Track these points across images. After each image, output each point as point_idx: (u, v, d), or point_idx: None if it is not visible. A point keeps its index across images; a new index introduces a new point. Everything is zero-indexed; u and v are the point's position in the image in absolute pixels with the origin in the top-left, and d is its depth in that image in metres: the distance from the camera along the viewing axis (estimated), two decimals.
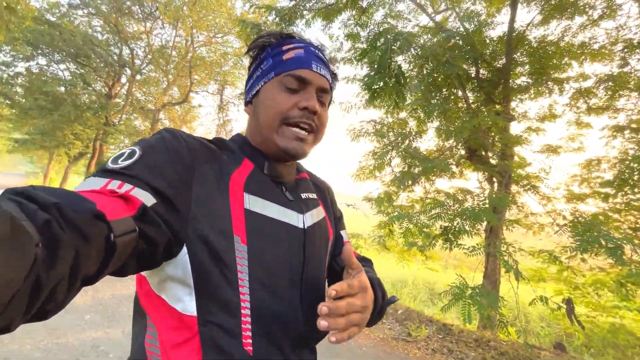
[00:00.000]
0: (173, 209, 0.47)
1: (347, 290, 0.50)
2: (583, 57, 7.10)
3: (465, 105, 6.30)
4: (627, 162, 4.75)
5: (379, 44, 3.36)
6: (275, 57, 0.62)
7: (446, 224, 3.31)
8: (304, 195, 0.68)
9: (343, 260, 0.56)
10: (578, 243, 2.47)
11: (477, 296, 2.67)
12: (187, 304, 0.50)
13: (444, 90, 6.70)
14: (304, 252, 0.61)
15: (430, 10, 7.63)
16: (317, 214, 0.69)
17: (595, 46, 7.00)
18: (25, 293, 0.27)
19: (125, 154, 0.48)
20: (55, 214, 0.31)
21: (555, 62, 6.95)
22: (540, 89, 6.99)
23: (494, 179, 6.02)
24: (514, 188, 6.91)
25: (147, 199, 0.44)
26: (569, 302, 2.89)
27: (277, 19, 6.48)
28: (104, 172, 0.45)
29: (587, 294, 5.59)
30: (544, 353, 3.18)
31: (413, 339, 3.10)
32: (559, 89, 6.98)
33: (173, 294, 0.50)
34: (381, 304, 0.63)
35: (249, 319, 0.51)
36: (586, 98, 7.09)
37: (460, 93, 6.37)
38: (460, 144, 6.28)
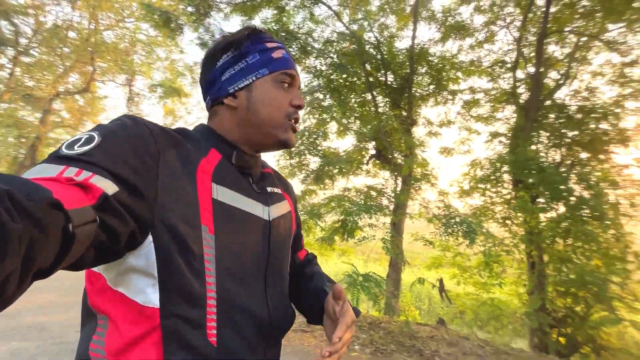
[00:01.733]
0: (138, 196, 0.44)
1: (339, 348, 0.54)
2: (472, 73, 8.29)
3: (374, 109, 6.82)
4: (494, 162, 5.68)
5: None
6: (263, 54, 0.63)
7: (341, 218, 3.55)
8: (269, 189, 0.69)
9: (334, 294, 0.61)
10: (444, 228, 2.90)
11: (365, 282, 2.92)
12: (149, 295, 0.47)
13: (356, 94, 7.16)
14: (268, 244, 0.62)
15: (346, 19, 8.05)
16: (282, 207, 0.70)
17: (480, 63, 8.27)
18: None
19: (82, 140, 0.44)
20: (6, 202, 0.28)
21: (450, 75, 8.01)
22: (437, 98, 7.99)
23: (398, 177, 6.66)
24: (416, 185, 7.73)
25: (109, 187, 0.40)
26: (440, 282, 3.35)
27: (190, 7, 6.17)
28: (58, 158, 0.41)
29: (473, 275, 6.55)
30: (424, 328, 3.64)
31: (310, 329, 3.24)
32: (452, 99, 8.07)
33: (134, 285, 0.48)
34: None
35: (214, 310, 0.50)
36: (470, 108, 8.31)
37: (370, 97, 6.90)
38: (369, 144, 6.81)
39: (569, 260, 4.42)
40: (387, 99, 7.45)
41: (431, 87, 7.84)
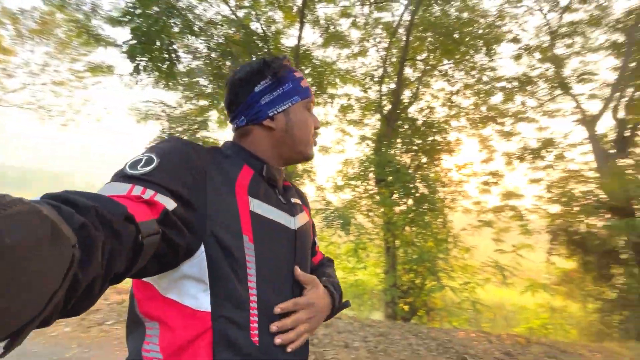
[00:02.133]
0: (192, 210, 0.51)
1: (291, 307, 0.61)
2: (347, 81, 9.22)
3: None
4: (362, 162, 6.53)
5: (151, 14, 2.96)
6: (295, 82, 0.71)
7: None
8: (292, 200, 0.74)
9: (297, 277, 0.66)
10: (325, 222, 3.18)
11: None
12: (201, 300, 0.52)
13: None
14: (294, 251, 0.67)
15: (233, 3, 7.63)
16: (303, 218, 0.75)
17: (355, 73, 9.32)
18: (63, 291, 0.28)
19: (143, 161, 0.51)
20: (93, 216, 0.33)
21: (330, 80, 8.72)
22: (318, 100, 8.59)
23: None
24: (299, 181, 8.11)
25: (169, 203, 0.46)
26: None
27: None
28: (125, 177, 0.48)
29: (342, 261, 7.36)
30: None
31: None
32: (331, 102, 8.84)
33: (186, 292, 0.53)
34: (336, 307, 0.74)
35: (256, 312, 0.55)
36: (344, 112, 9.32)
37: None
38: None
39: (413, 244, 5.53)
40: None
41: (313, 88, 8.40)
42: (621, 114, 7.78)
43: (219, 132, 7.43)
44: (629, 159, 7.54)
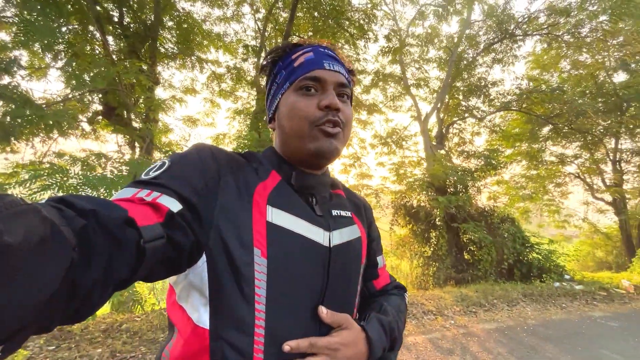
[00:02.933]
0: (197, 215, 0.47)
1: (306, 348, 0.50)
2: (218, 46, 8.26)
3: (103, 51, 5.18)
4: (238, 138, 6.07)
5: None
6: (288, 67, 0.61)
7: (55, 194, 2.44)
8: (335, 212, 0.63)
9: (322, 319, 0.53)
10: None
11: None
12: (202, 315, 0.48)
13: (75, 23, 5.13)
14: (327, 273, 0.56)
15: None
16: (349, 233, 0.63)
17: (227, 40, 8.44)
18: (62, 294, 0.28)
19: (156, 166, 0.49)
20: (92, 219, 0.32)
21: (198, 40, 7.59)
22: (184, 61, 7.37)
23: (136, 144, 5.58)
24: (156, 154, 6.83)
25: (173, 205, 0.44)
26: None
27: None
28: (136, 183, 0.46)
29: None
30: None
31: None
32: (200, 67, 7.75)
33: (192, 303, 0.49)
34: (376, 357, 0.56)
35: (262, 339, 0.47)
36: (219, 82, 8.42)
37: (98, 35, 5.15)
38: (95, 96, 5.14)
39: None
40: (122, 44, 5.90)
41: (178, 46, 7.12)
42: (441, 115, 10.14)
43: (31, 81, 5.31)
44: (444, 150, 9.97)
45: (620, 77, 14.20)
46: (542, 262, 7.42)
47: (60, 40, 4.46)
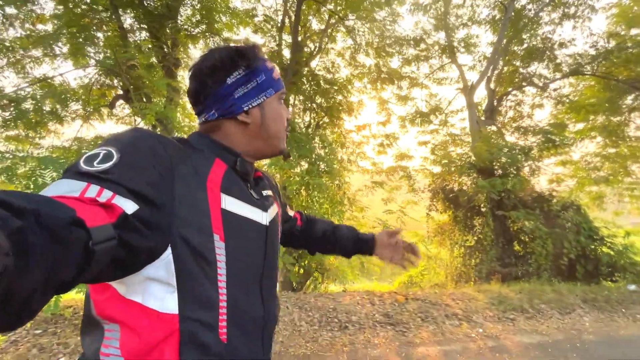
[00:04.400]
0: (157, 210, 0.47)
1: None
2: (245, 23, 7.96)
3: (119, 30, 5.17)
4: None
5: None
6: (268, 74, 0.67)
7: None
8: (264, 192, 0.72)
9: (391, 232, 1.04)
10: None
11: None
12: (168, 302, 0.50)
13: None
14: (265, 248, 0.66)
15: None
16: (274, 209, 0.73)
17: (257, 19, 8.09)
18: None
19: (101, 156, 0.46)
20: (31, 221, 0.30)
21: (223, 20, 7.36)
22: (208, 42, 7.22)
23: (157, 126, 5.61)
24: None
25: (128, 206, 0.43)
26: None
27: None
28: (79, 174, 0.43)
29: None
30: None
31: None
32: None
33: (152, 294, 0.49)
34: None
35: (225, 312, 0.54)
36: None
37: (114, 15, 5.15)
38: (116, 79, 5.22)
39: (308, 207, 5.27)
40: (142, 25, 5.88)
41: (201, 26, 6.97)
42: (492, 85, 8.80)
43: (64, 66, 5.57)
44: (494, 126, 8.71)
45: None
46: (615, 258, 6.16)
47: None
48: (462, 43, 9.24)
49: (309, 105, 6.69)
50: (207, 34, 7.07)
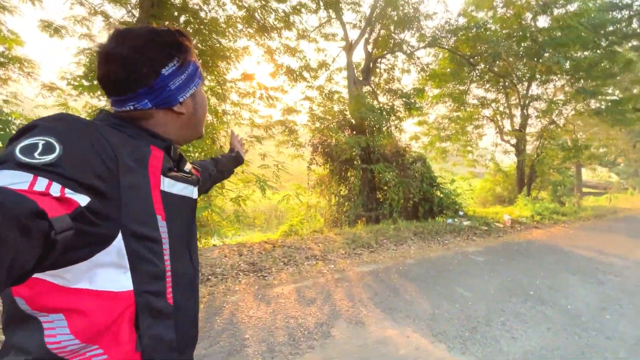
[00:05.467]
0: (107, 202, 0.49)
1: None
2: None
3: None
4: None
5: None
6: (194, 64, 0.70)
7: None
8: (187, 169, 0.76)
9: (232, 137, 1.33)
10: None
11: None
12: (122, 282, 0.54)
13: None
14: (193, 218, 0.75)
15: None
16: (195, 181, 0.78)
17: None
18: None
19: (41, 147, 0.45)
20: None
21: None
22: None
23: None
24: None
25: (81, 199, 0.44)
26: None
27: None
28: (21, 166, 0.42)
29: None
30: None
31: None
32: None
33: (104, 278, 0.53)
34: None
35: (170, 280, 0.62)
36: None
37: None
38: None
39: None
40: None
41: None
42: (370, 47, 9.42)
43: None
44: (370, 87, 9.52)
45: (542, 22, 14.44)
46: (444, 200, 7.98)
47: None
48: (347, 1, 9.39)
49: None
50: None
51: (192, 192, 0.74)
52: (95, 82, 5.69)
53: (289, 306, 2.86)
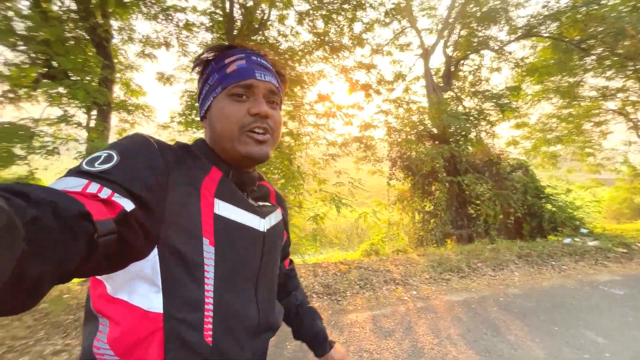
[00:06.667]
0: (150, 213, 0.49)
1: None
2: None
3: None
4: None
5: None
6: (220, 72, 0.65)
7: None
8: (263, 202, 0.72)
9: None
10: None
11: None
12: (153, 301, 0.52)
13: None
14: (262, 254, 0.66)
15: None
16: (275, 217, 0.73)
17: None
18: (9, 286, 0.28)
19: (102, 158, 0.49)
20: (48, 211, 0.32)
21: None
22: (146, 10, 6.61)
23: (90, 107, 5.22)
24: (124, 117, 6.53)
25: (127, 204, 0.45)
26: None
27: None
28: (80, 173, 0.46)
29: None
30: None
31: None
32: (165, 16, 6.95)
33: (139, 293, 0.52)
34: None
35: (211, 314, 0.55)
36: (190, 30, 7.59)
37: None
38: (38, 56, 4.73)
39: None
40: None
41: None
42: (450, 50, 8.72)
43: None
44: (452, 92, 8.74)
45: None
46: (557, 214, 6.58)
47: None
48: (421, 5, 8.99)
49: None
50: (143, 1, 6.46)
51: (259, 224, 0.66)
52: (192, 118, 6.61)
53: (363, 337, 2.60)
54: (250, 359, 0.62)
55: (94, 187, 0.43)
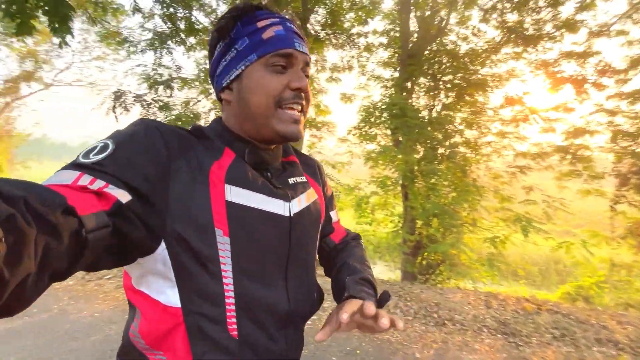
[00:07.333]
0: (149, 205, 0.46)
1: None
2: (373, 14, 8.01)
3: None
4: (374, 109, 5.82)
5: None
6: (253, 36, 0.57)
7: None
8: (291, 180, 0.65)
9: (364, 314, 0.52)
10: None
11: None
12: (170, 296, 0.50)
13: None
14: (289, 240, 0.60)
15: None
16: (306, 198, 0.66)
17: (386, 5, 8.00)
18: None
19: (97, 148, 0.46)
20: (22, 208, 0.30)
21: (349, 16, 7.67)
22: (334, 41, 7.70)
23: None
24: (313, 132, 7.78)
25: (122, 195, 0.42)
26: None
27: None
28: (74, 165, 0.43)
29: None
30: None
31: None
32: (350, 42, 7.86)
33: (155, 287, 0.51)
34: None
35: (233, 307, 0.52)
36: (372, 52, 8.22)
37: None
38: None
39: (426, 196, 4.97)
40: None
41: (327, 31, 7.48)
42: None
43: None
44: None
45: None
46: None
47: None
48: None
49: (434, 84, 6.16)
50: (334, 33, 7.53)
51: (283, 208, 0.59)
52: (366, 131, 7.08)
53: None
54: (284, 349, 0.58)
55: (85, 179, 0.41)
